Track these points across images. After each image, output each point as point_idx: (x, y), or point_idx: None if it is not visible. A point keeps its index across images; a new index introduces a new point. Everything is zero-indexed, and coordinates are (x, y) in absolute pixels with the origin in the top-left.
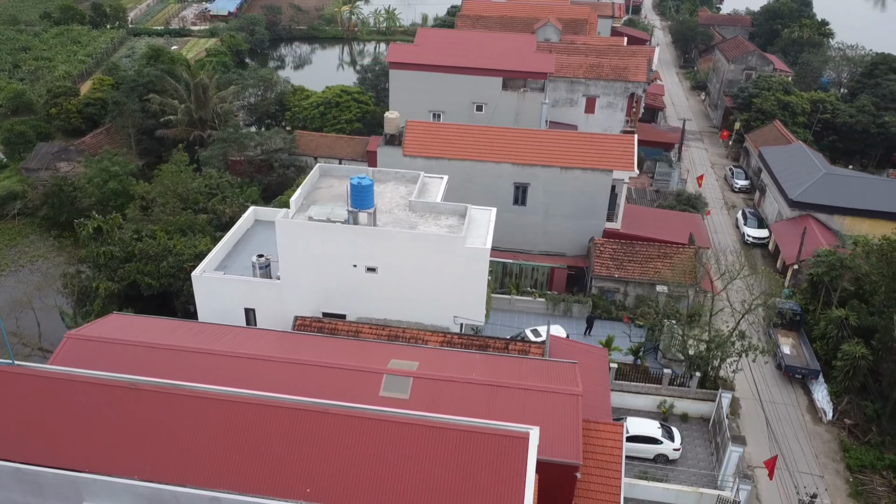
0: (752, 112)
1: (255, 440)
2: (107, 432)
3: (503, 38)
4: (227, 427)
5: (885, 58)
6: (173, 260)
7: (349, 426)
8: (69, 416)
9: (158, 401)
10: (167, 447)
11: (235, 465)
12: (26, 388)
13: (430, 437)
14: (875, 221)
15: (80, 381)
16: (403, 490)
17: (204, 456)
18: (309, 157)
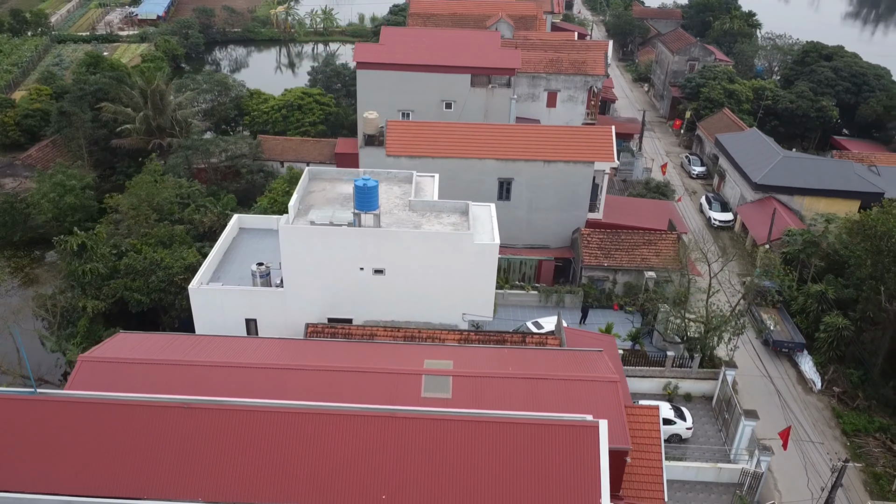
0: (701, 101)
1: (320, 451)
2: (164, 455)
3: (468, 35)
4: (291, 439)
5: (815, 46)
6: (163, 274)
7: (418, 429)
8: (120, 442)
9: (214, 419)
10: (232, 465)
11: (302, 476)
12: (64, 416)
13: (502, 433)
14: (831, 200)
15: (130, 405)
16: (484, 487)
17: (269, 470)
18: (275, 161)
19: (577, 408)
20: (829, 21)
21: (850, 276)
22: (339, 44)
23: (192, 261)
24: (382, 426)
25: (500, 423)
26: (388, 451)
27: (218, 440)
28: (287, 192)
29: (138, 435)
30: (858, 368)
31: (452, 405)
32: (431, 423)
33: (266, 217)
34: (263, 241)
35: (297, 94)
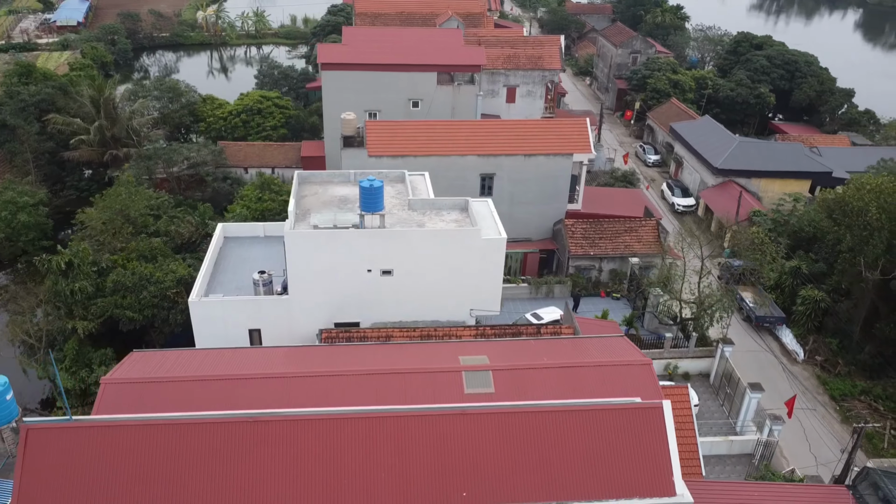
0: (648, 92)
1: (397, 453)
2: (235, 474)
3: (432, 33)
4: (367, 445)
5: (746, 36)
6: (154, 289)
7: (490, 423)
8: (186, 464)
9: (282, 431)
10: (305, 476)
11: (385, 481)
12: (114, 442)
13: (570, 420)
14: (785, 181)
15: (192, 424)
16: (561, 475)
17: (348, 477)
18: (238, 168)
19: (617, 391)
20: (735, 12)
21: (819, 251)
22: (272, 46)
23: (183, 274)
24: (455, 424)
25: (567, 411)
26: (462, 448)
27: (286, 451)
28: (260, 199)
29: (194, 453)
30: (835, 337)
31: (496, 399)
32: (503, 417)
33: (251, 224)
34: (252, 250)
35: (255, 98)
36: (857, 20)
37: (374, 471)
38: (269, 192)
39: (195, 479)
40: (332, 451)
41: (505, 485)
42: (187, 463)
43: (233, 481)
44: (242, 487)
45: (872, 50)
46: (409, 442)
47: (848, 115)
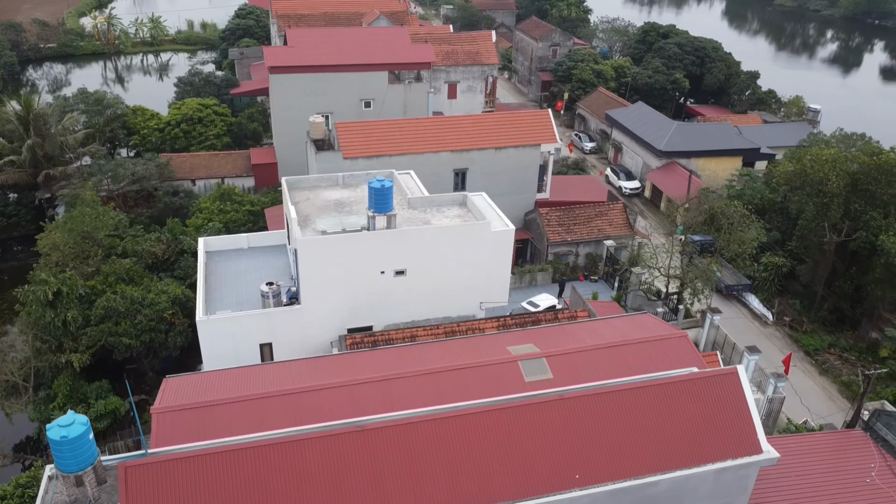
0: (574, 82)
1: (506, 443)
2: (348, 484)
3: (378, 32)
4: (477, 438)
5: (653, 26)
6: (150, 312)
7: (585, 406)
8: (298, 481)
9: (389, 436)
10: (425, 473)
11: (499, 472)
12: (216, 470)
13: (655, 395)
14: (719, 159)
15: (296, 441)
16: (661, 447)
17: (461, 472)
18: (185, 180)
19: (664, 364)
20: (612, 3)
21: (772, 220)
22: (171, 53)
23: (177, 293)
24: (553, 409)
25: (653, 385)
26: (562, 431)
27: (384, 456)
28: (222, 210)
29: (303, 469)
30: (797, 298)
31: (556, 385)
32: (594, 398)
33: (233, 237)
34: (240, 262)
35: (194, 107)
36: (723, 9)
37: (489, 462)
38: (231, 202)
39: (310, 494)
40: (443, 447)
41: (611, 463)
42: (299, 480)
43: (347, 491)
44: (360, 496)
45: (739, 36)
46: (515, 431)
47: (755, 96)
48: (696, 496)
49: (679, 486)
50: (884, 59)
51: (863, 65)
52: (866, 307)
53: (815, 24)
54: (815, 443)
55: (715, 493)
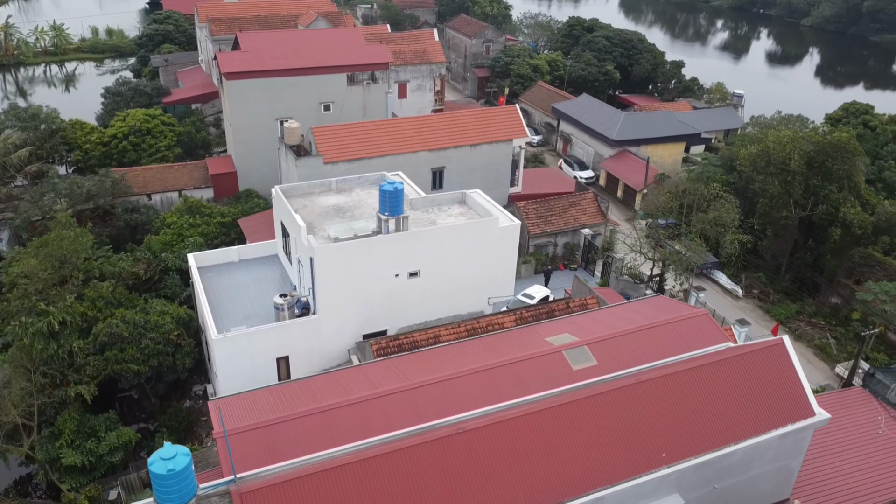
0: (513, 77)
1: (598, 431)
2: (459, 485)
3: (331, 33)
4: (568, 428)
5: (578, 20)
6: (156, 335)
7: (658, 387)
8: (408, 489)
9: (489, 435)
10: (525, 469)
11: (596, 458)
12: (325, 488)
13: (717, 371)
14: (665, 145)
15: (411, 447)
16: (729, 419)
17: (563, 462)
18: (141, 195)
19: (696, 342)
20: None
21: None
22: (77, 62)
23: (181, 313)
24: (629, 395)
25: (711, 363)
26: (639, 414)
27: (485, 455)
28: (192, 224)
29: (414, 476)
30: (762, 271)
31: (601, 371)
32: (666, 379)
33: (223, 250)
34: (234, 275)
35: (140, 118)
36: (619, 1)
37: (586, 450)
38: (200, 215)
39: (426, 498)
40: (543, 440)
41: (690, 439)
42: (413, 486)
43: (460, 492)
44: (473, 495)
45: (636, 27)
46: (603, 418)
47: (682, 84)
48: (762, 461)
49: (749, 454)
50: (768, 45)
51: (751, 51)
52: (825, 275)
53: (706, 13)
54: (824, 402)
55: (777, 457)
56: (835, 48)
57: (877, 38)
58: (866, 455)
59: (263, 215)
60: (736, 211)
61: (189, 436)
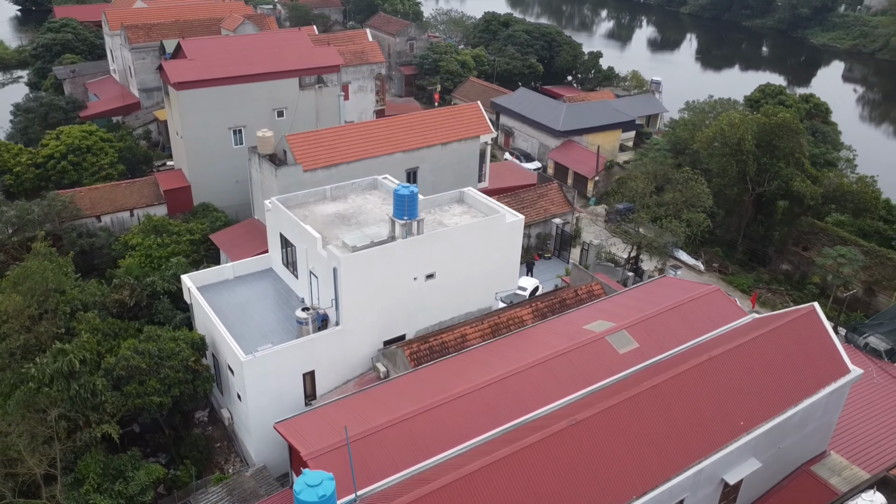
0: (443, 74)
1: (689, 407)
2: (576, 477)
3: (277, 36)
4: (664, 410)
5: (493, 16)
6: (175, 363)
7: (726, 362)
8: (538, 486)
9: (596, 423)
10: (631, 455)
11: (693, 433)
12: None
13: (768, 341)
14: (604, 133)
15: (531, 445)
16: (784, 385)
17: (663, 442)
18: (90, 218)
19: (723, 317)
20: None
21: (676, 182)
22: None
23: (195, 338)
24: (698, 374)
25: (762, 335)
26: (717, 389)
27: (597, 443)
28: (161, 244)
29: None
30: (716, 246)
31: (644, 352)
32: (730, 354)
33: (217, 269)
34: (235, 293)
35: (77, 135)
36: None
37: (680, 425)
38: (168, 234)
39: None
40: (642, 421)
41: (758, 406)
42: (538, 484)
43: (580, 483)
44: (591, 484)
45: (526, 19)
46: (693, 394)
47: (601, 74)
48: (813, 419)
49: (806, 414)
50: (649, 32)
51: (633, 39)
52: (774, 245)
53: (590, 4)
54: None
55: (824, 414)
56: (712, 34)
57: (748, 23)
58: (871, 403)
59: (237, 229)
60: (706, 192)
61: (209, 464)
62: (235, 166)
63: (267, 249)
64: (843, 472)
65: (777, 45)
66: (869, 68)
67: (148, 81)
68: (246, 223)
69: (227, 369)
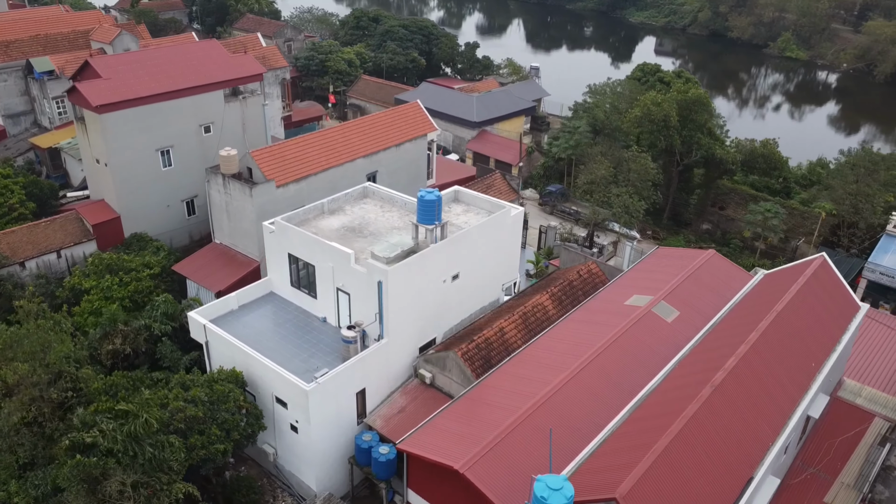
0: (332, 74)
1: (776, 358)
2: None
3: (193, 48)
4: (766, 363)
5: (363, 12)
6: (229, 405)
7: (787, 317)
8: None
9: (728, 384)
10: (763, 402)
11: (789, 375)
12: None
13: (807, 292)
14: (511, 121)
15: (694, 416)
16: (825, 326)
17: (767, 389)
18: (12, 265)
19: (730, 276)
20: None
21: (592, 163)
22: None
23: (238, 375)
24: (770, 334)
25: (801, 289)
26: (782, 341)
27: (731, 403)
28: (121, 283)
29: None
30: (644, 216)
31: (684, 319)
32: (789, 308)
33: (222, 301)
34: (249, 324)
35: None
36: None
37: (780, 371)
38: (125, 272)
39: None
40: (761, 373)
41: (817, 349)
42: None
43: (733, 446)
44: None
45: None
46: (772, 350)
47: (480, 64)
48: (844, 354)
49: (844, 350)
50: (479, 19)
51: (463, 26)
52: (694, 208)
53: None
54: None
55: (846, 348)
56: (538, 17)
57: (571, 6)
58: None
59: (200, 257)
60: (655, 166)
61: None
62: (166, 190)
63: (245, 274)
64: (861, 393)
65: (600, 25)
66: (680, 42)
67: (13, 106)
68: (208, 249)
69: (271, 402)
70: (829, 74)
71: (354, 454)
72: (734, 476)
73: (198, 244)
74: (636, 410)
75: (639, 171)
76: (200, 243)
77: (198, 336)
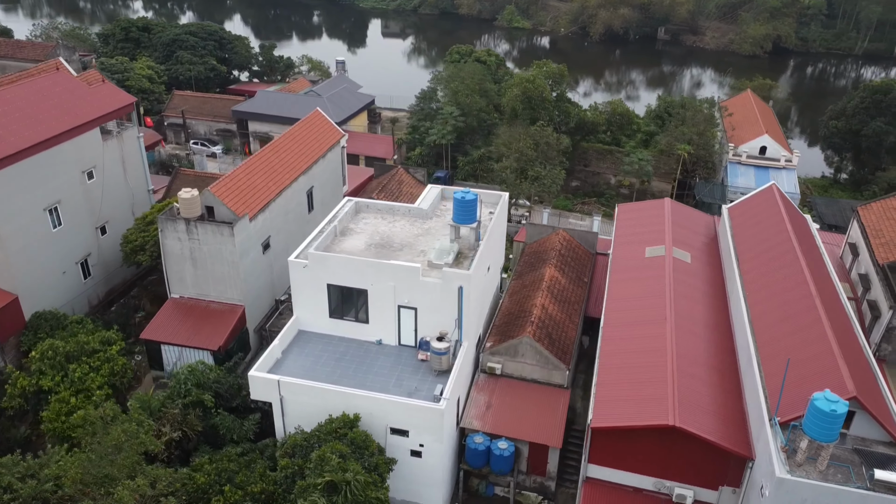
0: (134, 93)
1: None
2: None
3: (43, 85)
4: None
5: (130, 22)
6: (373, 447)
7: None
8: None
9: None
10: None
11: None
12: None
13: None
14: (359, 118)
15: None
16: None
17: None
18: None
19: (696, 216)
20: None
21: (473, 139)
22: None
23: (353, 419)
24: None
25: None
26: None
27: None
28: (93, 368)
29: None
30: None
31: (696, 258)
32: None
33: (268, 354)
34: (306, 369)
35: None
36: None
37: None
38: (89, 356)
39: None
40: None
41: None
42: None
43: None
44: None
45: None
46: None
47: (282, 64)
48: None
49: None
50: (190, 17)
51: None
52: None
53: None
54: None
55: None
56: (260, 10)
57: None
58: None
59: (165, 318)
60: (562, 138)
61: None
62: (60, 254)
63: (236, 322)
64: None
65: (331, 13)
66: (408, 23)
67: None
68: (171, 307)
69: (384, 435)
70: (550, 39)
71: (466, 458)
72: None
73: (98, 310)
74: (761, 334)
75: (551, 143)
76: (101, 309)
77: (265, 395)
